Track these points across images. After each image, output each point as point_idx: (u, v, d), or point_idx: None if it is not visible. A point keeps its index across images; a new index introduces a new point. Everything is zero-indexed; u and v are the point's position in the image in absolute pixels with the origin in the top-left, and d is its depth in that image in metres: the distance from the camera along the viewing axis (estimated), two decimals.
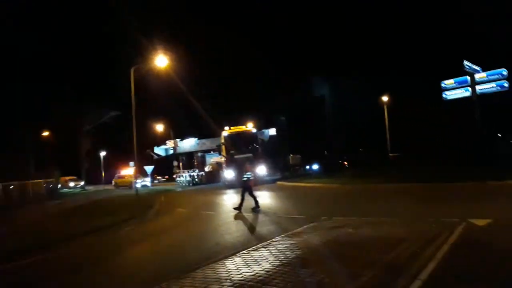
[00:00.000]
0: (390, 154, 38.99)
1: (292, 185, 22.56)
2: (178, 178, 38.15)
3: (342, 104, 43.58)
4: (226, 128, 26.32)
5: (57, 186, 37.76)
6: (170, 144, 35.56)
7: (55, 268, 7.68)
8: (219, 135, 27.84)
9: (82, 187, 46.17)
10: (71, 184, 46.90)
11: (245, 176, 12.93)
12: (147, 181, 38.60)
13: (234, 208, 12.38)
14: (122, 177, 40.85)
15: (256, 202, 12.56)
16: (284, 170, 35.06)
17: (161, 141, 39.30)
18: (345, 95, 42.16)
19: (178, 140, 36.22)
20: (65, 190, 45.16)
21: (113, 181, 41.72)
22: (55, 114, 40.73)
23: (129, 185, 35.98)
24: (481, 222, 7.57)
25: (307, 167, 38.97)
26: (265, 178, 25.65)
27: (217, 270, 5.82)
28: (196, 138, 35.95)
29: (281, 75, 52.91)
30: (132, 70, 23.93)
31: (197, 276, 5.63)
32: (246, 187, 12.69)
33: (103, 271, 7.09)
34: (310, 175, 31.17)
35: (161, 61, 23.74)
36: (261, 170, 25.23)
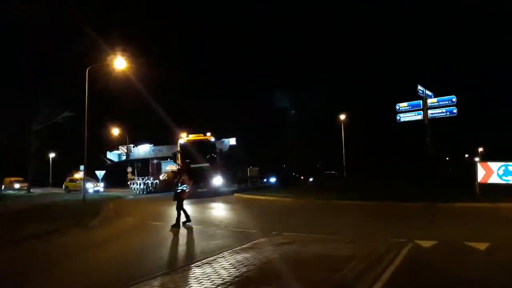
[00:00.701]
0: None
1: (248, 198, 22.29)
2: (132, 185, 36.94)
3: (301, 118, 44.25)
4: (183, 135, 25.49)
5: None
6: (122, 149, 34.29)
7: None
8: (176, 142, 27.09)
9: (28, 189, 43.53)
10: (16, 185, 44.07)
11: (179, 187, 11.80)
12: (100, 186, 37.13)
13: (172, 226, 11.18)
14: (74, 180, 38.89)
15: (187, 216, 11.70)
16: (242, 182, 34.77)
17: (116, 145, 37.94)
18: (305, 109, 42.89)
19: (131, 146, 35.02)
20: (9, 192, 42.38)
21: (63, 185, 39.63)
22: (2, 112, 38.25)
23: (81, 189, 34.35)
24: (427, 244, 7.63)
25: (265, 179, 38.95)
26: (222, 189, 25.05)
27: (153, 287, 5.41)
28: (152, 145, 34.94)
29: (242, 85, 53.22)
30: (87, 70, 22.97)
31: None
32: (179, 200, 11.61)
33: None
34: (267, 188, 31.08)
35: (120, 63, 22.92)
36: (218, 180, 24.63)
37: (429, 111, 19.34)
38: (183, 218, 11.55)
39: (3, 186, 45.45)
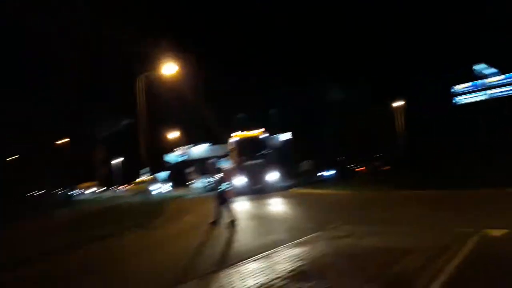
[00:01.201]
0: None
1: (304, 192, 22.13)
2: (192, 185, 38.19)
3: (355, 108, 43.05)
4: (235, 133, 25.57)
5: (72, 193, 38.26)
6: (180, 151, 35.51)
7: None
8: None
9: (100, 193, 46.84)
10: (89, 190, 47.78)
11: (222, 186, 11.61)
12: (165, 187, 39.23)
13: (211, 223, 11.16)
14: (138, 183, 40.96)
15: (221, 217, 11.27)
16: (297, 177, 34.53)
17: (173, 148, 39.38)
18: (358, 98, 41.69)
19: (188, 146, 36.15)
20: (82, 196, 45.87)
21: (128, 188, 42.04)
22: (73, 123, 41.47)
23: (145, 191, 36.35)
24: (497, 233, 7.08)
25: (321, 173, 38.39)
26: (277, 185, 24.96)
27: (209, 283, 5.53)
28: (208, 144, 35.68)
29: (294, 77, 52.89)
30: (139, 78, 24.05)
31: None
32: (222, 199, 11.36)
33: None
34: (324, 181, 30.63)
35: (170, 68, 23.76)
36: (273, 176, 24.46)
37: (493, 90, 17.95)
38: (229, 216, 11.24)
39: (78, 191, 49.45)
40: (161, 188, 38.99)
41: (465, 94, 18.99)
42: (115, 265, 8.17)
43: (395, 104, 40.02)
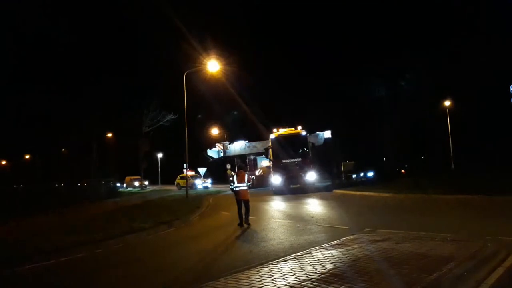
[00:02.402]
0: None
1: (343, 193, 21.68)
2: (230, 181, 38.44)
3: (400, 107, 41.62)
4: (274, 130, 25.09)
5: (116, 185, 39.76)
6: (219, 146, 35.80)
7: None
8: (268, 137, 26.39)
9: (146, 186, 48.39)
10: (136, 183, 49.35)
11: (232, 185, 11.87)
12: (208, 182, 39.97)
13: (238, 225, 11.36)
14: (184, 177, 41.67)
15: (241, 218, 11.39)
16: (336, 177, 33.95)
17: (215, 143, 39.90)
18: (403, 97, 40.25)
19: (227, 142, 36.33)
20: (129, 189, 47.58)
21: (175, 182, 43.03)
22: (119, 117, 43.13)
23: (191, 186, 37.38)
24: None
25: (362, 174, 37.52)
26: (316, 185, 24.44)
27: (239, 280, 5.54)
28: (247, 141, 35.63)
29: (334, 75, 51.99)
30: (185, 75, 24.61)
31: (216, 285, 5.40)
32: (237, 200, 11.63)
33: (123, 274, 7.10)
34: (364, 182, 29.89)
35: (213, 66, 24.16)
36: (311, 176, 23.68)
37: None
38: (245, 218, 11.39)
39: (124, 184, 51.34)
40: (205, 182, 39.79)
41: None
42: (152, 256, 8.44)
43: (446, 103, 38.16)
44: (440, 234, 7.98)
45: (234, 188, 11.73)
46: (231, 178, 12.24)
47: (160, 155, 55.71)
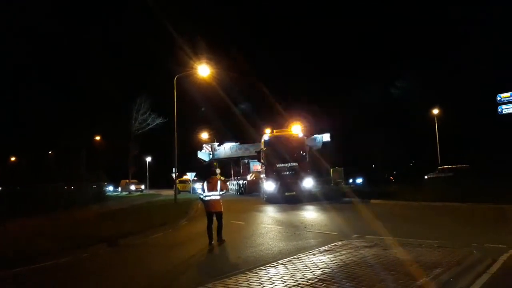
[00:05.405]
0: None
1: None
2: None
3: (391, 115, 42.01)
4: (268, 131, 23.12)
5: (103, 188, 39.18)
6: (207, 148, 34.80)
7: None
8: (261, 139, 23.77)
9: (142, 190, 47.75)
10: (132, 187, 48.34)
11: (210, 193, 9.54)
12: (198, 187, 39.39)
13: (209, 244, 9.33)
14: (183, 181, 40.73)
15: (219, 234, 9.50)
16: (324, 184, 33.80)
17: (203, 146, 39.49)
18: (393, 105, 40.66)
19: (215, 144, 35.11)
20: (125, 193, 46.70)
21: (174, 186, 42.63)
22: (107, 119, 42.82)
23: (189, 190, 37.08)
24: None
25: (350, 180, 37.63)
26: (312, 192, 21.61)
27: (227, 286, 5.51)
28: (238, 143, 34.14)
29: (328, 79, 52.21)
30: (175, 79, 24.55)
31: None
32: (210, 211, 9.56)
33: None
34: (354, 190, 29.85)
35: (204, 70, 24.15)
36: (308, 183, 21.09)
37: None
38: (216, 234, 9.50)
39: (119, 188, 50.26)
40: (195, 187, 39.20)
41: (509, 104, 18.02)
42: (136, 262, 8.35)
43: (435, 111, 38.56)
44: (427, 240, 8.06)
45: (204, 198, 9.58)
46: (200, 186, 10.18)
47: (148, 158, 55.31)
